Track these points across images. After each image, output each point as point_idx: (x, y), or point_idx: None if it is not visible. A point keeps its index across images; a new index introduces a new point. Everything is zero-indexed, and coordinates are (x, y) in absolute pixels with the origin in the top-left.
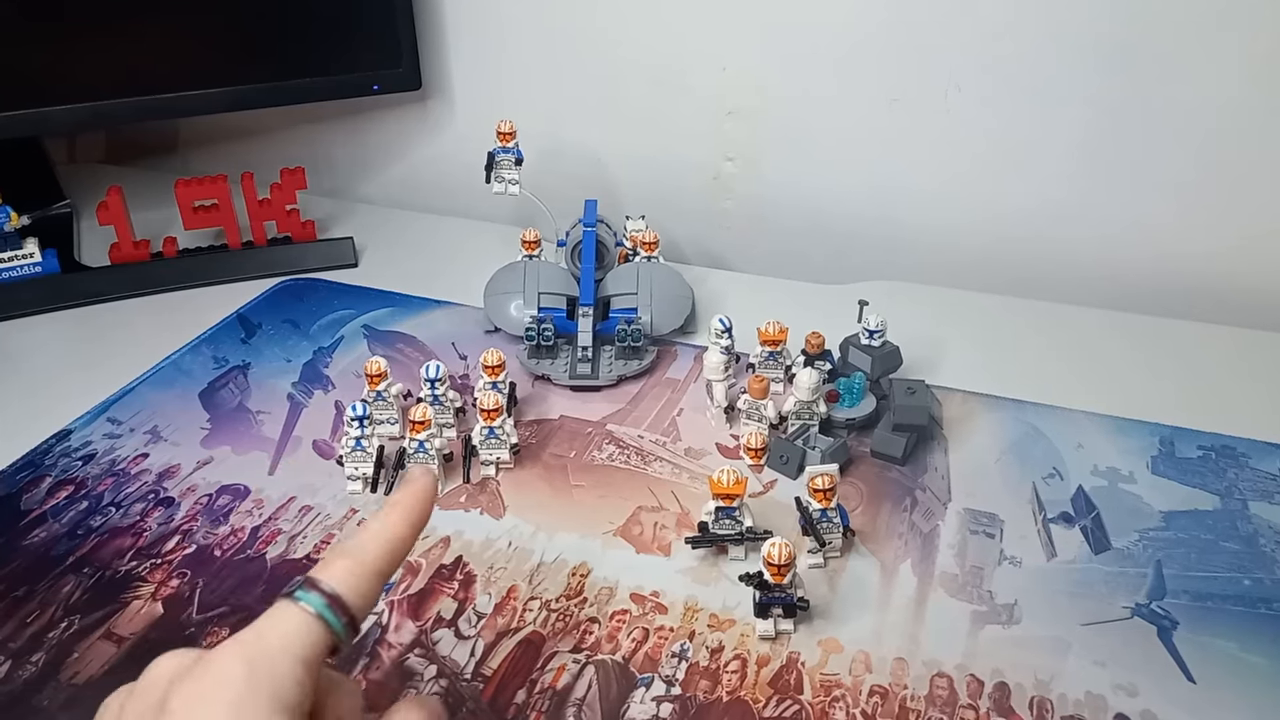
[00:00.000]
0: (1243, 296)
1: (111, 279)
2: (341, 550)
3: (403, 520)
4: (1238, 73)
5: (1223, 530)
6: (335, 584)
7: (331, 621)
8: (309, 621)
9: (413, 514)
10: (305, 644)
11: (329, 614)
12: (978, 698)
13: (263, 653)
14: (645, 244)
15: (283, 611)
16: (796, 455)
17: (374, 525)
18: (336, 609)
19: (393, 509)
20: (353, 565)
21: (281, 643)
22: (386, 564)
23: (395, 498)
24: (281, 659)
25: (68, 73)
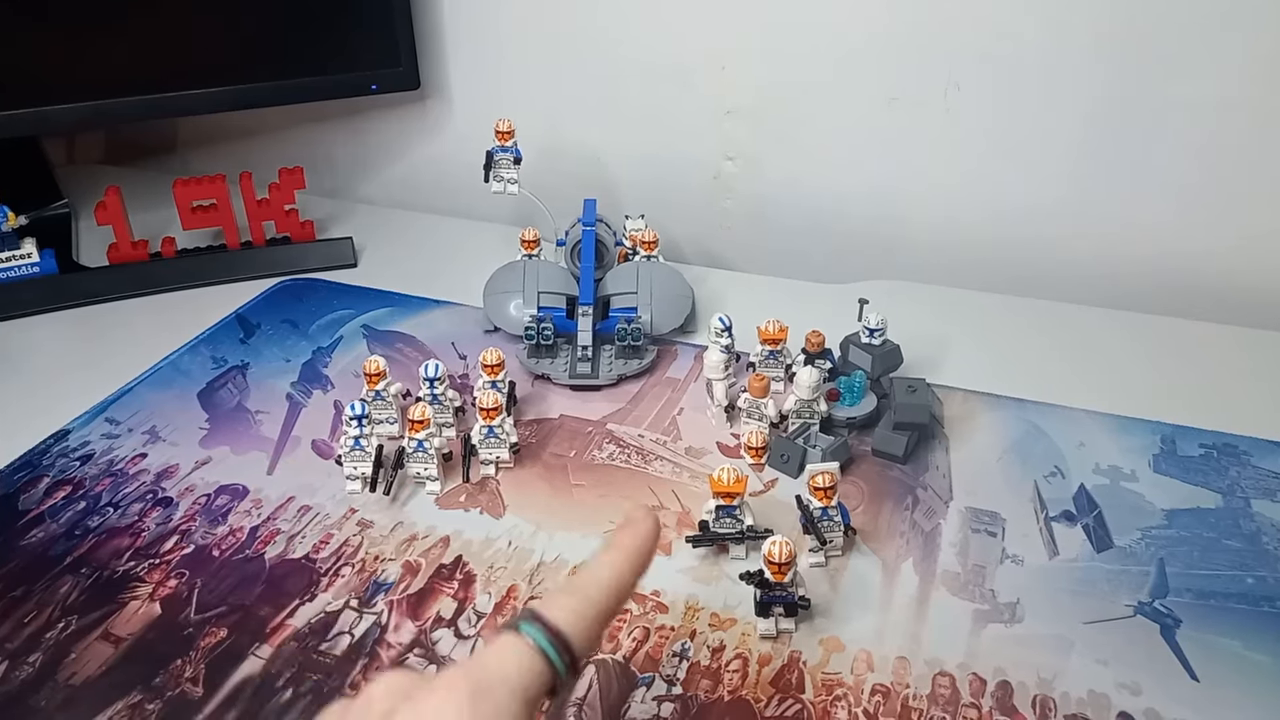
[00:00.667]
0: (1244, 295)
1: (110, 279)
2: (567, 588)
3: (627, 563)
4: (1239, 72)
5: (1225, 528)
6: (559, 621)
7: (553, 658)
8: (532, 656)
9: (637, 557)
10: (527, 680)
11: (551, 650)
12: (980, 696)
13: (486, 684)
14: (645, 243)
15: (508, 643)
16: (797, 454)
17: (600, 566)
18: (559, 646)
19: (617, 551)
20: (578, 604)
21: (503, 675)
22: (611, 606)
23: (620, 540)
24: (503, 692)
25: (66, 72)
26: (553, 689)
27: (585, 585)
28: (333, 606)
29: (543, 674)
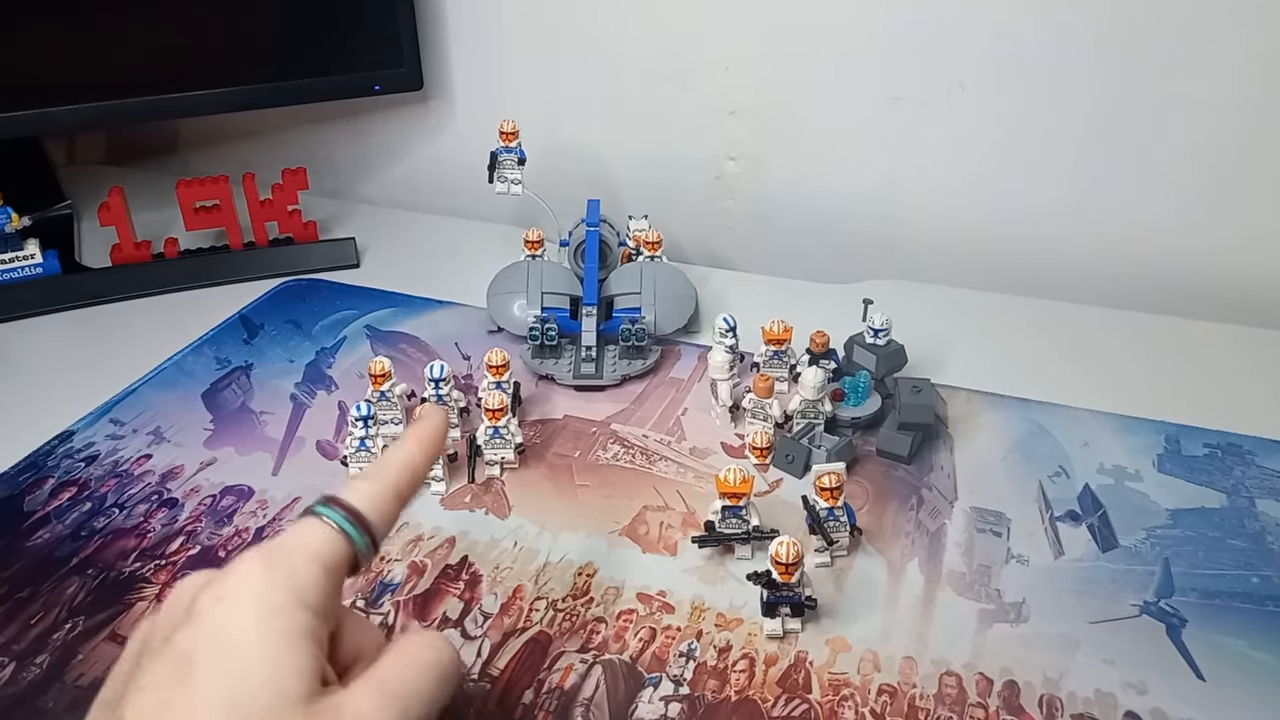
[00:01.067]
0: (1247, 294)
1: (113, 280)
2: (361, 474)
3: (419, 448)
4: (1240, 71)
5: (1230, 528)
6: (356, 500)
7: (352, 534)
8: (328, 531)
9: (427, 444)
10: (324, 549)
11: (349, 527)
12: (987, 696)
13: (283, 553)
14: (648, 243)
15: (303, 523)
16: (802, 454)
17: (392, 452)
18: (357, 523)
19: (408, 439)
20: (372, 485)
21: (300, 546)
22: (405, 486)
23: (411, 430)
24: (301, 559)
25: (69, 73)
26: (354, 563)
27: (378, 468)
28: None
29: (341, 547)
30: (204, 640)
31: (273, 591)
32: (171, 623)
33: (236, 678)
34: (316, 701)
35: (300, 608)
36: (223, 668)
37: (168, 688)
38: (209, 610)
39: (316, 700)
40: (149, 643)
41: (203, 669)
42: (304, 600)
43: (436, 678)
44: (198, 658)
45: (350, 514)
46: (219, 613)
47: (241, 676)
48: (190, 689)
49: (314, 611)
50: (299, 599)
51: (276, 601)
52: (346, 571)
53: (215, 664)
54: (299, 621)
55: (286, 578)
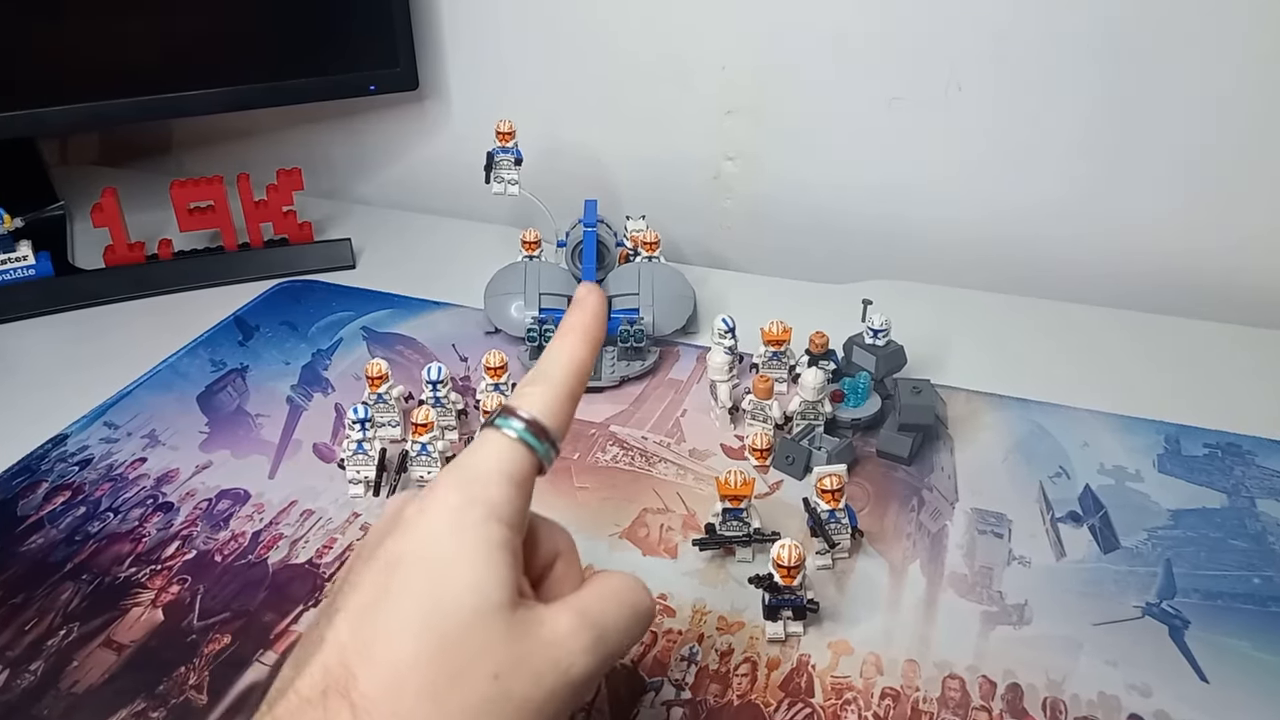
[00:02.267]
0: (1248, 294)
1: (106, 281)
2: (531, 378)
3: (582, 341)
4: (1242, 69)
5: (1231, 528)
6: (532, 409)
7: (533, 444)
8: (511, 444)
9: (590, 334)
10: (511, 462)
11: (529, 437)
12: (990, 699)
13: (472, 472)
14: (646, 244)
15: (486, 438)
16: (802, 456)
17: (556, 351)
18: (536, 432)
19: (570, 332)
20: (545, 390)
21: (488, 463)
22: (576, 385)
23: (570, 321)
24: (490, 475)
25: (62, 73)
26: (540, 469)
27: (547, 371)
28: None
29: (525, 457)
30: (410, 544)
31: (469, 507)
32: (381, 532)
33: (440, 579)
34: (517, 610)
35: (494, 521)
36: (427, 569)
37: (379, 583)
38: (413, 519)
39: (517, 609)
40: (360, 552)
41: (408, 569)
42: (497, 514)
43: (632, 616)
44: (404, 559)
45: (529, 424)
46: (423, 522)
47: (445, 579)
48: (399, 585)
49: (508, 524)
50: (493, 513)
51: (474, 516)
52: (533, 478)
53: (420, 565)
54: (494, 533)
55: (480, 495)
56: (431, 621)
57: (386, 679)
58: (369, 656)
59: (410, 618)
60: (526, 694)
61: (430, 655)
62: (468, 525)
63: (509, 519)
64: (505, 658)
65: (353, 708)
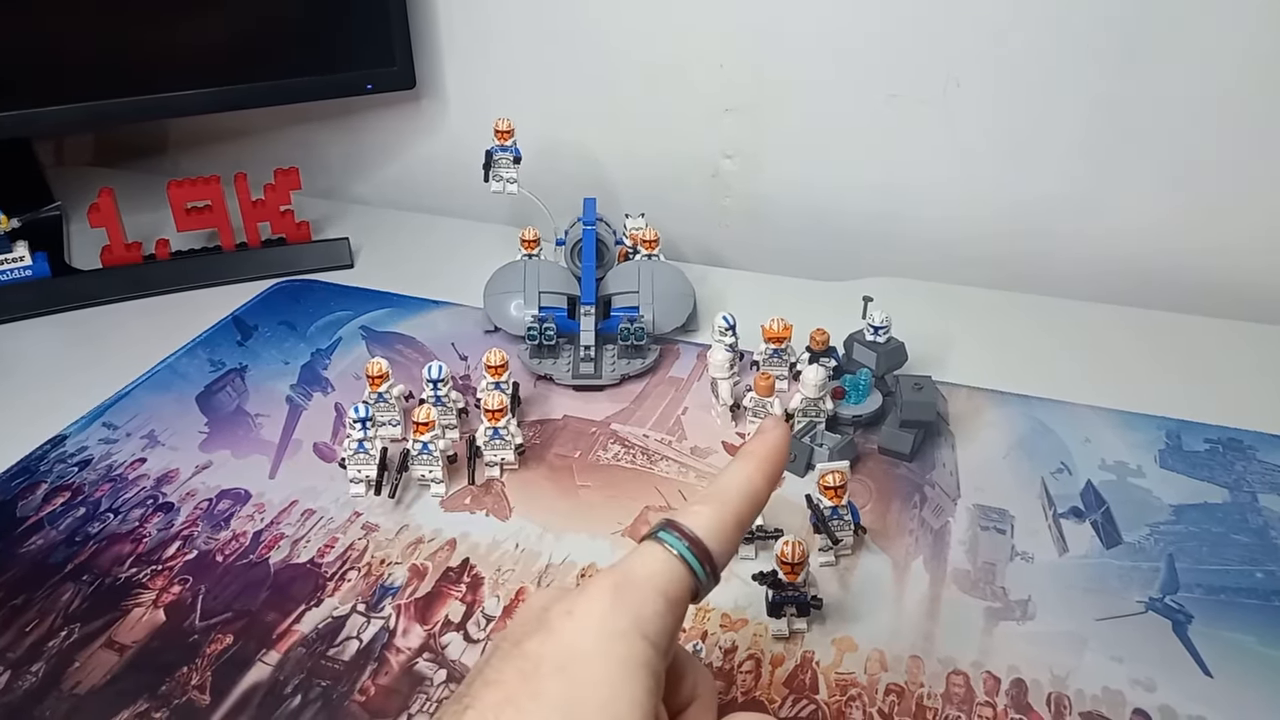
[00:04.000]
0: (1249, 290)
1: (103, 282)
2: (703, 497)
3: (760, 472)
4: (1243, 66)
5: (1233, 523)
6: (697, 528)
7: (693, 564)
8: (671, 560)
9: (769, 466)
10: (667, 580)
11: (690, 556)
12: (995, 695)
13: (628, 581)
14: (645, 242)
15: (648, 550)
16: (804, 453)
17: (733, 474)
18: (699, 553)
19: (749, 459)
20: (714, 511)
21: (645, 575)
22: (747, 514)
23: (751, 448)
24: (645, 589)
25: (57, 73)
26: (695, 594)
27: (720, 493)
28: (340, 611)
29: (684, 578)
30: (552, 649)
31: (618, 617)
32: (523, 629)
33: (577, 690)
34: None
35: (641, 638)
36: (567, 678)
37: (513, 685)
38: (559, 623)
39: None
40: (500, 645)
41: (548, 675)
42: (645, 631)
43: None
44: (544, 663)
45: (693, 545)
46: (569, 627)
47: (583, 690)
48: (533, 691)
49: (653, 644)
50: (640, 629)
51: (621, 627)
52: (687, 603)
53: (560, 673)
54: (638, 651)
55: (632, 607)
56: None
57: None
58: None
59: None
60: None
61: None
62: (615, 637)
63: (656, 639)
64: None
65: None
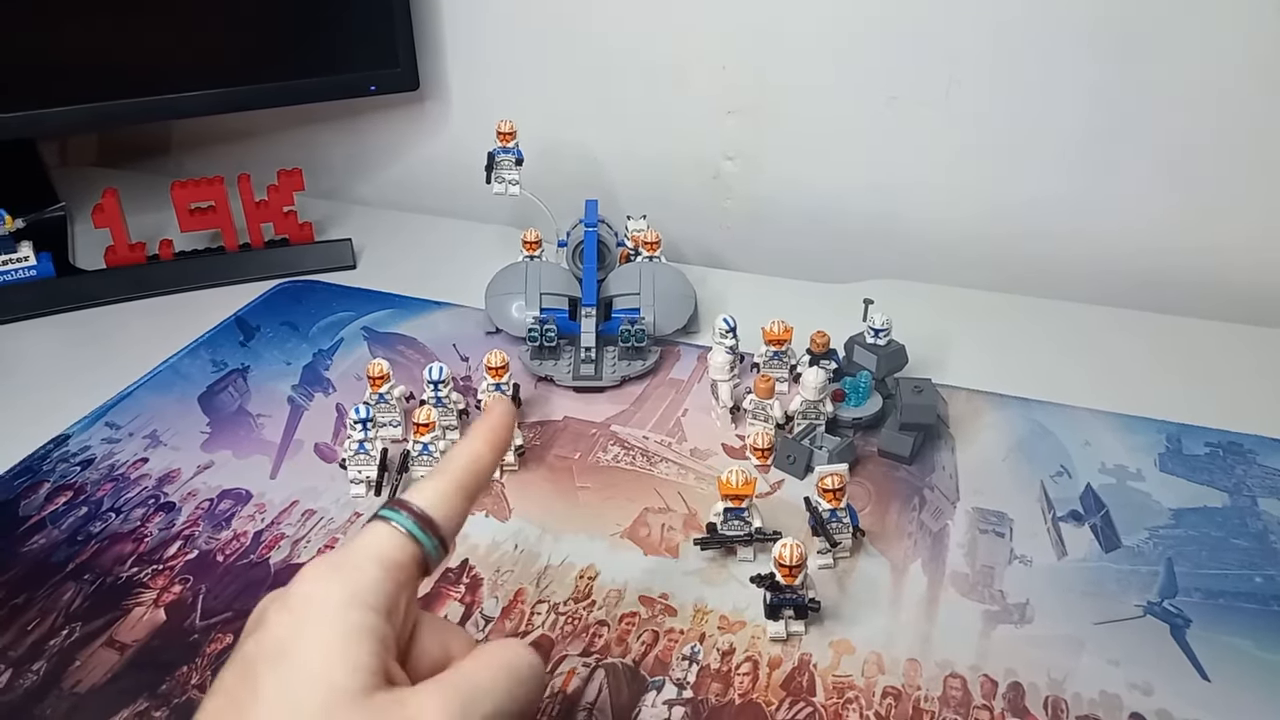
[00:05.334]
0: (1248, 292)
1: (107, 282)
2: (430, 474)
3: (485, 443)
4: (1241, 67)
5: (1233, 527)
6: (423, 503)
7: (420, 538)
8: (395, 535)
9: (494, 437)
10: (387, 550)
11: (417, 530)
12: (992, 698)
13: (344, 558)
14: (647, 244)
15: (369, 527)
16: (803, 455)
17: (458, 449)
18: (425, 526)
19: (474, 434)
20: (439, 485)
21: (362, 549)
22: (472, 484)
23: (477, 426)
24: (361, 560)
25: (62, 74)
26: (425, 564)
27: (444, 467)
28: None
29: (405, 547)
30: (266, 644)
31: (332, 592)
32: (246, 633)
33: (292, 674)
34: (375, 695)
35: (359, 607)
36: (280, 667)
37: (233, 689)
38: (273, 618)
39: (375, 694)
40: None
41: (264, 669)
42: (363, 600)
43: (508, 679)
44: (259, 660)
45: (416, 517)
46: (282, 619)
47: (296, 673)
48: (251, 689)
49: (374, 610)
50: (359, 599)
51: (335, 600)
52: (416, 573)
53: (276, 662)
54: (356, 619)
55: (347, 579)
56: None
57: None
58: None
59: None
60: None
61: None
62: (331, 608)
63: (375, 604)
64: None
65: None
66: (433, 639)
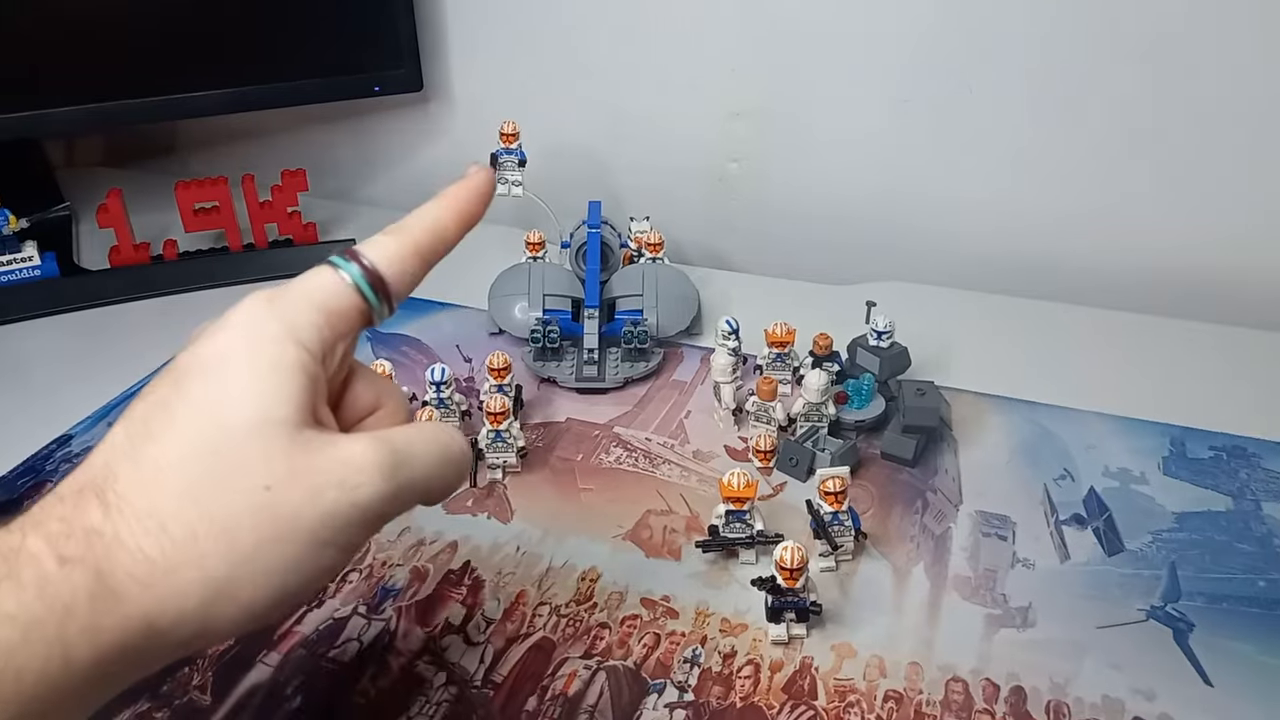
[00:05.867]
0: (1254, 296)
1: (111, 282)
2: (389, 229)
3: (449, 210)
4: (1255, 75)
5: (1236, 531)
6: (375, 258)
7: (365, 291)
8: (340, 283)
9: (462, 205)
10: (329, 296)
11: (364, 283)
12: (994, 702)
13: (284, 294)
14: (650, 245)
15: (317, 271)
16: (806, 457)
17: (423, 210)
18: (373, 280)
19: (443, 198)
20: (395, 242)
21: (303, 290)
22: (430, 249)
23: (449, 190)
24: (300, 301)
25: (67, 74)
26: (367, 318)
27: (404, 225)
28: (341, 613)
29: (347, 295)
30: (198, 356)
31: (269, 323)
32: (180, 349)
33: (225, 386)
34: (305, 430)
35: (292, 342)
36: (210, 378)
37: (163, 390)
38: (210, 335)
39: (305, 429)
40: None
41: (195, 376)
42: (297, 337)
43: (440, 455)
44: (193, 368)
45: (366, 271)
46: (219, 337)
47: (226, 388)
48: (182, 392)
49: (307, 349)
50: (292, 334)
51: (269, 332)
52: (357, 323)
53: (208, 373)
54: (290, 353)
55: (285, 315)
56: (203, 426)
57: (146, 478)
58: (134, 457)
59: (184, 422)
60: (298, 509)
61: (197, 458)
62: (265, 340)
63: (309, 343)
64: (282, 471)
65: (104, 504)
66: (367, 391)
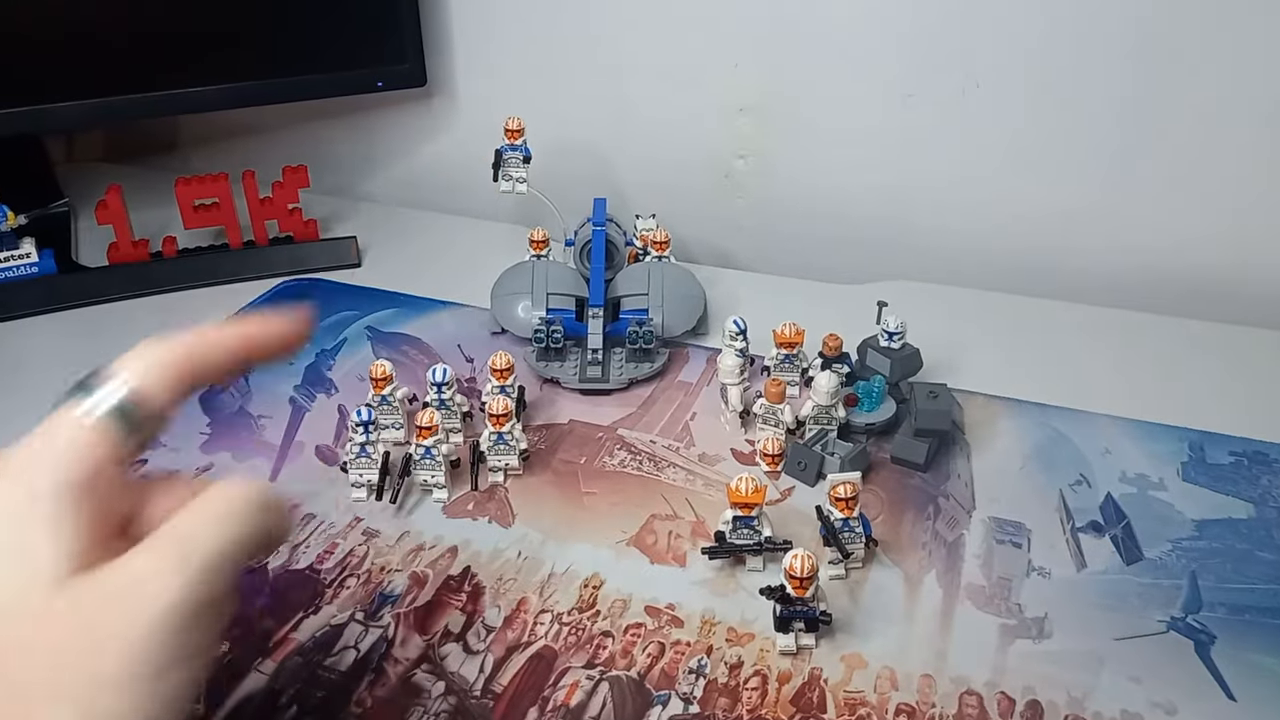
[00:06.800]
0: (1273, 297)
1: (110, 279)
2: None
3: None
4: (1264, 71)
5: (1258, 539)
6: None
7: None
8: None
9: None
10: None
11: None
12: (1009, 716)
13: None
14: (656, 243)
15: (58, 422)
16: (815, 461)
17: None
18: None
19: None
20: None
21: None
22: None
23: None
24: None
25: (67, 69)
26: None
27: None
28: (338, 619)
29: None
30: None
31: (15, 493)
32: None
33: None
34: (76, 577)
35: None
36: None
37: None
38: None
39: (77, 576)
40: None
41: None
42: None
43: (222, 520)
44: None
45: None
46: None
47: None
48: None
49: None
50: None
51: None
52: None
53: None
54: (46, 510)
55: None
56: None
57: None
58: None
59: None
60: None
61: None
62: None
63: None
64: (77, 623)
65: None
66: (161, 503)
